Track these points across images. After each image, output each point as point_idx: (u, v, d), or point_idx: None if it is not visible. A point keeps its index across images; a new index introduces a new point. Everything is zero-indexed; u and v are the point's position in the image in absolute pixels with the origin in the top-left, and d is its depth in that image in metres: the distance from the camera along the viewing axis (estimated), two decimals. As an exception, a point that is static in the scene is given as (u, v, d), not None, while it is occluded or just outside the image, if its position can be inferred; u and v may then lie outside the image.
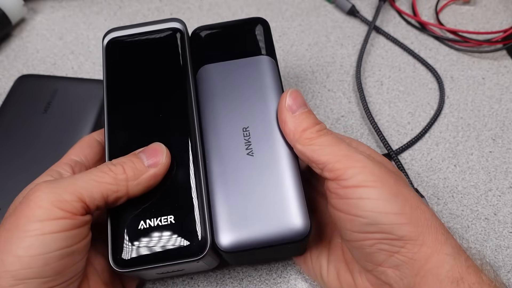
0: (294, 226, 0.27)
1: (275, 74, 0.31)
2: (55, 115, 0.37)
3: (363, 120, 0.42)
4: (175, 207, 0.27)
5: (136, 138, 0.29)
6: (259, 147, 0.28)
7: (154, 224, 0.27)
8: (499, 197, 0.37)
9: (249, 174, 0.28)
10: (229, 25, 0.34)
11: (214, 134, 0.29)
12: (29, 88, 0.39)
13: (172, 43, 0.32)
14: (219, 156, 0.28)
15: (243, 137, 0.29)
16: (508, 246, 0.34)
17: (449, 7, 0.52)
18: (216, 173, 0.28)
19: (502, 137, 0.41)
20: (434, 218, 0.26)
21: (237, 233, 0.27)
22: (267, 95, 0.30)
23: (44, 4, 0.52)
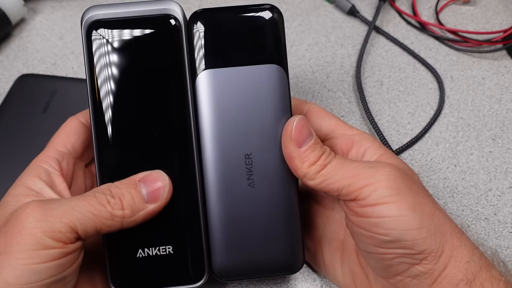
0: (287, 260, 0.28)
1: (284, 90, 0.28)
2: (54, 115, 0.37)
3: (363, 120, 0.42)
4: (174, 237, 0.27)
5: (130, 158, 0.27)
6: (260, 178, 0.27)
7: (153, 253, 0.27)
8: (499, 197, 0.37)
9: (248, 206, 0.27)
10: (236, 14, 0.28)
11: (213, 160, 0.27)
12: (29, 88, 0.39)
13: (167, 36, 0.27)
14: (220, 185, 0.27)
15: (245, 164, 0.27)
16: (508, 246, 0.34)
17: (449, 7, 0.52)
18: (216, 203, 0.27)
19: (502, 137, 0.41)
20: (448, 222, 0.26)
21: (232, 262, 0.27)
22: (274, 117, 0.27)
23: (44, 4, 0.52)
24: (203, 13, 0.28)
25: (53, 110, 0.38)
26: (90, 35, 0.26)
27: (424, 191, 0.27)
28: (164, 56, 0.27)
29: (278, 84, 0.28)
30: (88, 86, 0.27)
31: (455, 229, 0.26)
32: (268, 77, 0.27)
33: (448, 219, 0.26)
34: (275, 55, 0.28)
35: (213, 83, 0.27)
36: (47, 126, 0.37)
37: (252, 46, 0.28)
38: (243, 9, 0.28)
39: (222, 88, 0.27)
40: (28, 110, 0.38)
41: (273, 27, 0.28)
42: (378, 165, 0.26)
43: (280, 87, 0.28)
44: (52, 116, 0.37)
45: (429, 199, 0.26)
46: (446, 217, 0.26)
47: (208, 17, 0.28)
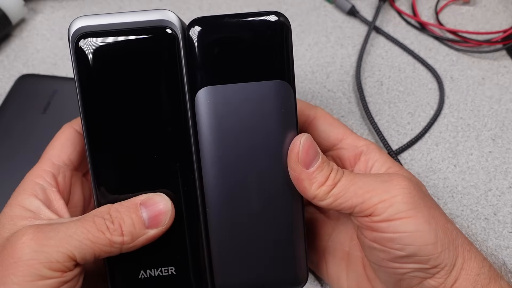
0: (291, 277, 0.27)
1: (291, 108, 0.26)
2: (54, 115, 0.37)
3: (363, 120, 0.42)
4: (176, 258, 0.26)
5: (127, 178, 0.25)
6: (264, 198, 0.26)
7: (155, 274, 0.26)
8: (499, 197, 0.37)
9: (251, 225, 0.27)
10: (238, 22, 0.25)
11: (215, 182, 0.26)
12: (29, 88, 0.39)
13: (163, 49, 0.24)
14: (220, 208, 0.26)
15: (247, 187, 0.26)
16: (508, 246, 0.34)
17: (449, 7, 0.52)
18: (218, 223, 0.27)
19: (501, 137, 0.41)
20: (459, 234, 0.26)
21: (235, 281, 0.27)
22: (279, 137, 0.26)
23: (44, 4, 0.52)
24: (202, 21, 0.24)
25: (54, 110, 0.38)
26: (78, 49, 0.24)
27: (434, 203, 0.26)
28: (160, 70, 0.24)
29: (284, 102, 0.25)
30: (80, 104, 0.25)
31: (466, 241, 0.26)
32: (274, 95, 0.25)
33: (459, 232, 0.26)
34: (282, 70, 0.25)
35: (213, 101, 0.25)
36: (47, 126, 0.37)
37: (257, 60, 0.25)
38: (246, 16, 0.25)
39: (224, 106, 0.25)
40: (28, 110, 0.38)
41: (280, 37, 0.25)
42: (391, 179, 0.26)
43: (287, 105, 0.25)
44: (52, 116, 0.37)
45: (440, 211, 0.26)
46: (457, 230, 0.26)
47: (207, 26, 0.24)
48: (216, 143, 0.25)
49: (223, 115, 0.25)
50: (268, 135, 0.25)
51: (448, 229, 0.25)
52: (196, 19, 0.25)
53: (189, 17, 0.51)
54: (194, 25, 0.24)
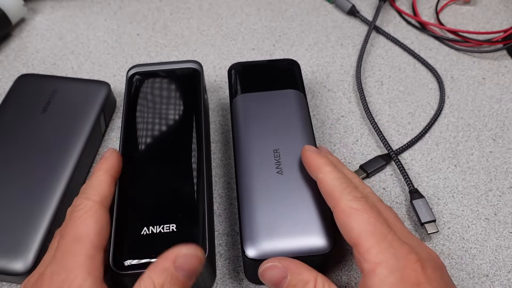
0: (318, 240, 0.28)
1: (303, 106, 0.35)
2: (54, 115, 0.37)
3: (363, 120, 0.42)
4: (178, 217, 0.29)
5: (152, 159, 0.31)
6: (288, 167, 0.31)
7: (157, 231, 0.28)
8: (499, 197, 0.37)
9: (278, 190, 0.30)
10: (263, 62, 0.39)
11: (248, 153, 0.32)
12: (29, 88, 0.39)
13: (189, 81, 0.36)
14: (251, 172, 0.31)
15: (274, 157, 0.31)
16: (509, 246, 0.34)
17: (449, 7, 0.52)
18: (247, 187, 0.30)
19: (502, 137, 0.41)
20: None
21: (264, 242, 0.28)
22: (296, 123, 0.33)
23: (44, 4, 0.52)
24: (240, 62, 0.39)
25: (53, 110, 0.38)
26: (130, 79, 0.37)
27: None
28: (186, 95, 0.35)
29: (298, 101, 0.35)
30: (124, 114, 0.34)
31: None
32: (291, 97, 0.35)
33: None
34: (294, 84, 0.37)
35: (248, 102, 0.35)
36: (47, 126, 0.37)
37: (277, 79, 0.37)
38: (267, 61, 0.39)
39: (254, 105, 0.35)
40: (28, 110, 0.38)
41: (291, 67, 0.38)
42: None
43: (300, 102, 0.35)
44: (52, 116, 0.37)
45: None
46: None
47: (243, 63, 0.39)
48: (249, 127, 0.33)
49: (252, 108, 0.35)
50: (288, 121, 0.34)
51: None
52: (236, 63, 0.39)
53: (189, 16, 0.51)
54: (233, 64, 0.39)
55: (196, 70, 0.37)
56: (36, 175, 0.34)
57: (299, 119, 0.34)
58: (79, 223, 0.26)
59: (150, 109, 0.34)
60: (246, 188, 0.30)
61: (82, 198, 0.28)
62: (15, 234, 0.31)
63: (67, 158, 0.35)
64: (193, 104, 0.35)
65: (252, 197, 0.30)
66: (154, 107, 0.34)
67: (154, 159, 0.32)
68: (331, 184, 0.28)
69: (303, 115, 0.34)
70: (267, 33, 0.49)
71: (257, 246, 0.28)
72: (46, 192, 0.33)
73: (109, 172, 0.30)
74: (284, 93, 0.35)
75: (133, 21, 0.50)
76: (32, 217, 0.32)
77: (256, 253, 0.28)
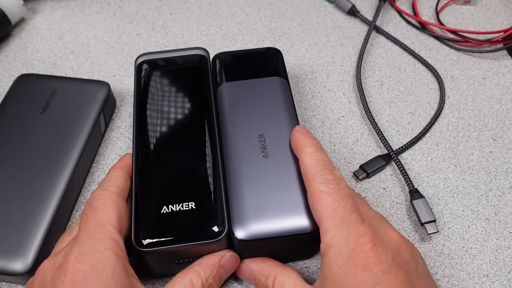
0: (301, 220, 0.29)
1: (287, 92, 0.36)
2: (53, 115, 0.37)
3: (363, 120, 0.42)
4: (196, 195, 0.29)
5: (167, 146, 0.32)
6: (273, 151, 0.32)
7: (176, 209, 0.29)
8: (499, 197, 0.37)
9: (264, 173, 0.30)
10: (247, 51, 0.39)
11: (234, 139, 0.32)
12: (28, 88, 0.39)
13: (197, 67, 0.37)
14: (238, 157, 0.31)
15: (259, 142, 0.32)
16: (509, 246, 0.34)
17: (449, 7, 0.52)
18: (234, 171, 0.31)
19: (502, 137, 0.41)
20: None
21: (251, 224, 0.29)
22: (281, 109, 0.34)
23: (43, 4, 0.52)
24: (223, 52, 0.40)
25: (53, 110, 0.37)
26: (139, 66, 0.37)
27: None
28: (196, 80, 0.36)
29: (282, 87, 0.36)
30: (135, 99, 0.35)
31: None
32: (274, 84, 0.36)
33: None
34: (277, 71, 0.37)
35: (233, 89, 0.35)
36: (47, 126, 0.36)
37: (260, 68, 0.37)
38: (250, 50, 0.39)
39: (239, 92, 0.35)
40: (27, 110, 0.37)
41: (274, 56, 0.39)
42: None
43: (284, 89, 0.36)
44: (51, 116, 0.37)
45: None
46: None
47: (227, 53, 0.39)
48: (234, 114, 0.34)
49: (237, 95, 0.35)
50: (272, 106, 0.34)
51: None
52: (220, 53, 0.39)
53: (189, 16, 0.51)
54: (217, 54, 0.39)
55: (204, 57, 0.38)
56: (36, 175, 0.34)
57: (282, 104, 0.34)
58: (100, 210, 0.27)
59: (161, 96, 0.35)
60: (232, 172, 0.31)
61: (100, 189, 0.29)
62: (15, 234, 0.31)
63: (66, 158, 0.35)
64: (203, 90, 0.35)
65: (238, 180, 0.30)
66: (164, 94, 0.35)
67: (169, 142, 0.32)
68: (308, 165, 0.29)
69: (286, 101, 0.35)
70: (267, 33, 0.49)
71: (245, 228, 0.28)
72: (46, 192, 0.33)
73: (123, 169, 0.31)
74: (267, 80, 0.36)
75: (133, 21, 0.50)
76: (32, 217, 0.32)
77: (244, 234, 0.28)
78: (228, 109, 0.34)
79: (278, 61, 0.38)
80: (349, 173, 0.38)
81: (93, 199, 0.28)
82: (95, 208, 0.28)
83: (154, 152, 0.32)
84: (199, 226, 0.28)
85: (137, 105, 0.35)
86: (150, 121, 0.33)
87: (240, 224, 0.29)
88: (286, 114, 0.34)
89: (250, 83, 0.36)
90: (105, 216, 0.27)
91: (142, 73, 0.37)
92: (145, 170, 0.31)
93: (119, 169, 0.31)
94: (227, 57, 0.39)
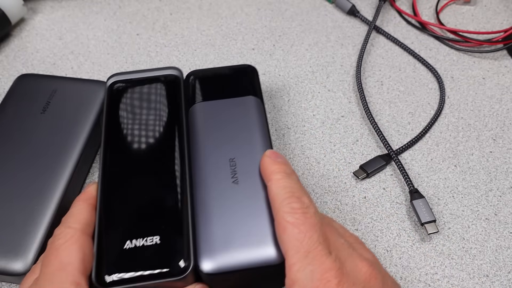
0: (272, 251, 0.27)
1: (261, 113, 0.34)
2: (53, 116, 0.37)
3: (363, 120, 0.42)
4: (161, 229, 0.28)
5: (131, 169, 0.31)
6: (243, 177, 0.30)
7: (140, 244, 0.27)
8: (499, 197, 0.37)
9: (233, 201, 0.29)
10: (221, 69, 0.38)
11: (203, 163, 0.31)
12: (28, 88, 0.39)
13: (169, 89, 0.35)
14: (206, 183, 0.30)
15: (230, 166, 0.31)
16: (509, 246, 0.34)
17: (449, 7, 0.52)
18: (202, 199, 0.29)
19: (502, 137, 0.41)
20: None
21: (218, 257, 0.27)
22: (254, 131, 0.32)
23: (43, 4, 0.52)
24: (196, 70, 0.38)
25: (52, 111, 0.37)
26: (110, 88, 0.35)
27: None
28: (167, 102, 0.35)
29: (255, 107, 0.34)
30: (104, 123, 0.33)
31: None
32: (248, 104, 0.34)
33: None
34: (251, 90, 0.35)
35: (204, 111, 0.34)
36: (46, 126, 0.36)
37: (233, 87, 0.36)
38: (224, 69, 0.38)
39: (211, 114, 0.34)
40: (26, 110, 0.37)
41: (249, 74, 0.37)
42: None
43: (257, 109, 0.34)
44: (51, 116, 0.37)
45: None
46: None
47: (200, 71, 0.37)
48: (205, 137, 0.32)
49: (209, 116, 0.34)
50: (245, 129, 0.33)
51: None
52: (193, 71, 0.38)
53: (189, 16, 0.51)
54: (190, 73, 0.37)
55: (176, 77, 0.36)
56: (35, 175, 0.34)
57: (256, 127, 0.33)
58: (62, 251, 0.26)
59: (130, 120, 0.33)
60: (201, 200, 0.29)
61: (63, 227, 0.27)
62: (15, 234, 0.31)
63: (66, 158, 0.35)
64: (173, 113, 0.34)
65: (206, 209, 0.29)
66: (134, 118, 0.34)
67: (136, 170, 0.31)
68: (275, 193, 0.27)
69: (260, 123, 0.33)
70: (267, 33, 0.49)
71: (212, 260, 0.27)
72: (46, 192, 0.33)
73: (88, 201, 0.29)
74: (241, 100, 0.35)
75: (133, 21, 0.50)
76: (32, 217, 0.32)
77: (211, 267, 0.27)
78: (199, 131, 0.33)
79: (253, 79, 0.37)
80: (349, 173, 0.38)
81: (55, 238, 0.27)
82: (56, 249, 0.26)
83: (119, 181, 0.30)
84: (164, 262, 0.27)
85: (105, 129, 0.33)
86: (118, 146, 0.32)
87: (207, 256, 0.27)
88: (258, 137, 0.32)
89: (223, 103, 0.34)
90: (67, 257, 0.26)
91: (112, 94, 0.35)
92: (109, 202, 0.29)
93: (83, 202, 0.29)
94: (200, 75, 0.37)
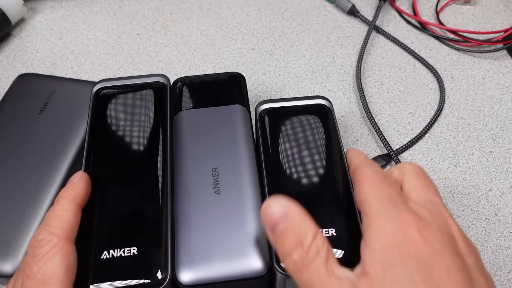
0: (252, 264, 0.27)
1: (246, 122, 0.33)
2: (51, 116, 0.37)
3: (363, 120, 0.42)
4: (139, 239, 0.28)
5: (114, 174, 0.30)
6: (226, 187, 0.29)
7: (117, 255, 0.27)
8: (499, 197, 0.37)
9: (214, 211, 0.28)
10: (208, 76, 0.37)
11: (185, 172, 0.30)
12: (28, 87, 0.39)
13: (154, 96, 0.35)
14: (188, 192, 0.29)
15: (212, 176, 0.30)
16: (509, 246, 0.34)
17: (449, 6, 0.52)
18: (183, 208, 0.29)
19: (502, 137, 0.41)
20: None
21: (197, 268, 0.27)
22: (238, 141, 0.32)
23: (44, 4, 0.52)
24: (184, 77, 0.37)
25: (50, 111, 0.37)
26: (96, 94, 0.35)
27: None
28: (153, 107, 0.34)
29: (241, 116, 0.33)
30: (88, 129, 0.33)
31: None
32: (233, 113, 0.34)
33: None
34: (238, 98, 0.34)
35: (188, 119, 0.33)
36: (43, 127, 0.36)
37: (219, 95, 0.35)
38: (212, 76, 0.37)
39: (195, 122, 0.33)
40: (25, 110, 0.37)
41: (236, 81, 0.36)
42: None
43: (243, 118, 0.33)
44: (48, 117, 0.37)
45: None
46: None
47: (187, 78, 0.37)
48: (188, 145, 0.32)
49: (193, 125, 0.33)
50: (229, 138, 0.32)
51: None
52: (180, 78, 0.37)
53: (189, 16, 0.51)
54: (178, 80, 0.36)
55: (163, 84, 0.36)
56: (28, 177, 0.34)
57: (240, 136, 0.32)
58: (44, 262, 0.25)
59: (114, 127, 0.33)
60: (181, 210, 0.29)
61: (46, 232, 0.26)
62: (4, 235, 0.31)
63: (60, 161, 0.35)
64: (158, 121, 0.33)
65: (186, 219, 0.28)
66: (118, 125, 0.33)
67: (117, 179, 0.30)
68: (357, 164, 0.27)
69: (245, 132, 0.33)
70: (267, 33, 0.49)
71: (191, 271, 0.27)
72: (38, 194, 0.33)
73: (74, 200, 0.27)
74: (227, 109, 0.34)
75: (133, 20, 0.50)
76: (23, 219, 0.32)
77: (189, 278, 0.27)
78: (182, 140, 0.32)
79: (240, 87, 0.36)
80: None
81: (37, 245, 0.25)
82: (39, 259, 0.25)
83: (100, 190, 0.30)
84: (141, 273, 0.27)
85: (88, 136, 0.32)
86: (100, 154, 0.31)
87: (186, 267, 0.27)
88: (242, 147, 0.32)
89: (208, 112, 0.34)
90: (50, 269, 0.24)
91: (97, 100, 0.34)
92: (89, 210, 0.29)
93: (69, 201, 0.27)
94: (187, 82, 0.36)
